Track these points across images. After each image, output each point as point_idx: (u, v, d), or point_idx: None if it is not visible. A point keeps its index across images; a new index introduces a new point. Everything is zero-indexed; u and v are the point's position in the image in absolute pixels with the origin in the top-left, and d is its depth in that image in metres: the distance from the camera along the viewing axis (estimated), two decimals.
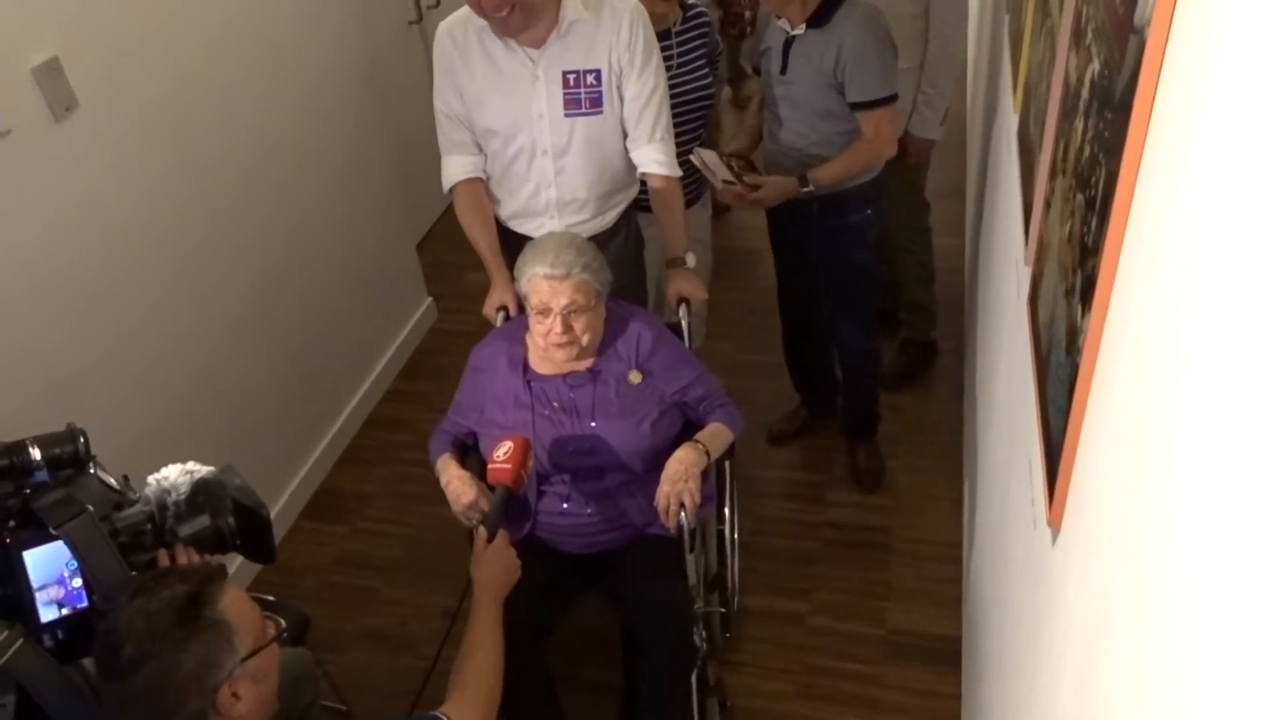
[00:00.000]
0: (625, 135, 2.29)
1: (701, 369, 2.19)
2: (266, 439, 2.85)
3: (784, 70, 2.42)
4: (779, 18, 2.40)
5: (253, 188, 2.74)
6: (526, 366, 2.10)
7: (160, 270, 2.43)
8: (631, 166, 2.34)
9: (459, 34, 2.20)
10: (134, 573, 1.39)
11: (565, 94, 2.20)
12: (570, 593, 2.13)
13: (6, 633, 1.27)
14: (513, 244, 2.28)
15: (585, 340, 2.02)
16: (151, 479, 1.47)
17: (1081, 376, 1.00)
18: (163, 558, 1.46)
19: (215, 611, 1.27)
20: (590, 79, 2.19)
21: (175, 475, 1.47)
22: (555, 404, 2.06)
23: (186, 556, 1.48)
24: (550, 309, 1.98)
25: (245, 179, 2.71)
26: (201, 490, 1.47)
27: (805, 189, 2.42)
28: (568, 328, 1.98)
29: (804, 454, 3.06)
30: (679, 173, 2.33)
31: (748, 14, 3.91)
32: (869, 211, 2.54)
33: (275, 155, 2.83)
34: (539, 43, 2.15)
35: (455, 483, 2.04)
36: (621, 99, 2.24)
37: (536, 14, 2.10)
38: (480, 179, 2.34)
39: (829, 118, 2.41)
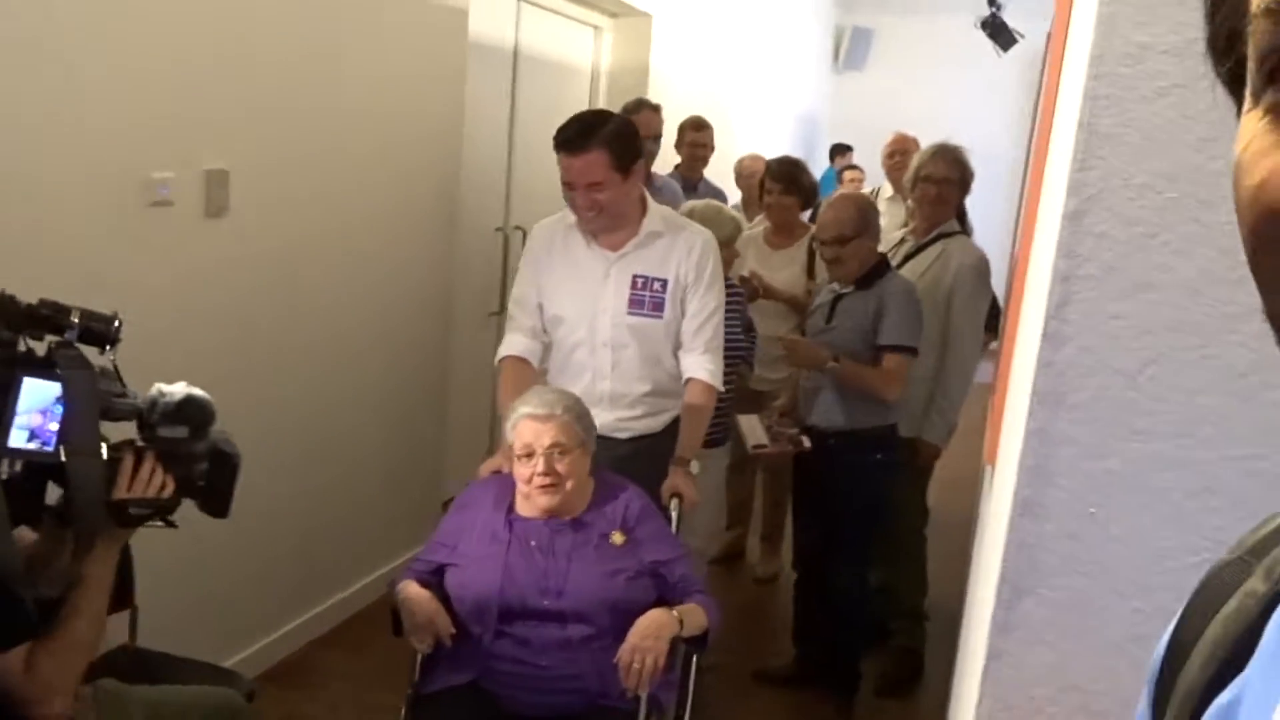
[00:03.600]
0: (678, 349, 2.51)
1: (685, 552, 2.22)
2: (252, 588, 2.89)
3: (829, 320, 2.86)
4: (831, 281, 2.91)
5: (330, 352, 3.08)
6: (511, 507, 2.15)
7: (233, 371, 2.67)
8: (679, 378, 2.53)
9: (549, 229, 2.57)
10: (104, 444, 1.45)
11: (631, 294, 2.47)
12: None
13: None
14: None
15: (570, 486, 2.06)
16: (156, 386, 1.56)
17: None
18: (128, 459, 1.50)
19: None
20: (656, 285, 2.48)
21: (176, 388, 1.56)
22: (532, 543, 2.09)
23: (151, 467, 1.51)
24: (534, 450, 2.04)
25: (331, 343, 3.06)
26: (192, 406, 1.55)
27: (831, 365, 2.78)
28: (551, 469, 2.04)
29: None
30: (721, 388, 2.55)
31: None
32: (879, 456, 2.82)
33: (359, 339, 3.20)
34: (617, 246, 2.48)
35: (414, 598, 2.02)
36: (683, 312, 2.50)
37: (620, 220, 2.45)
38: (528, 361, 2.55)
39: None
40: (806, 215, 3.97)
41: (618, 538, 2.11)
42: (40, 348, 1.43)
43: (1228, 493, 0.95)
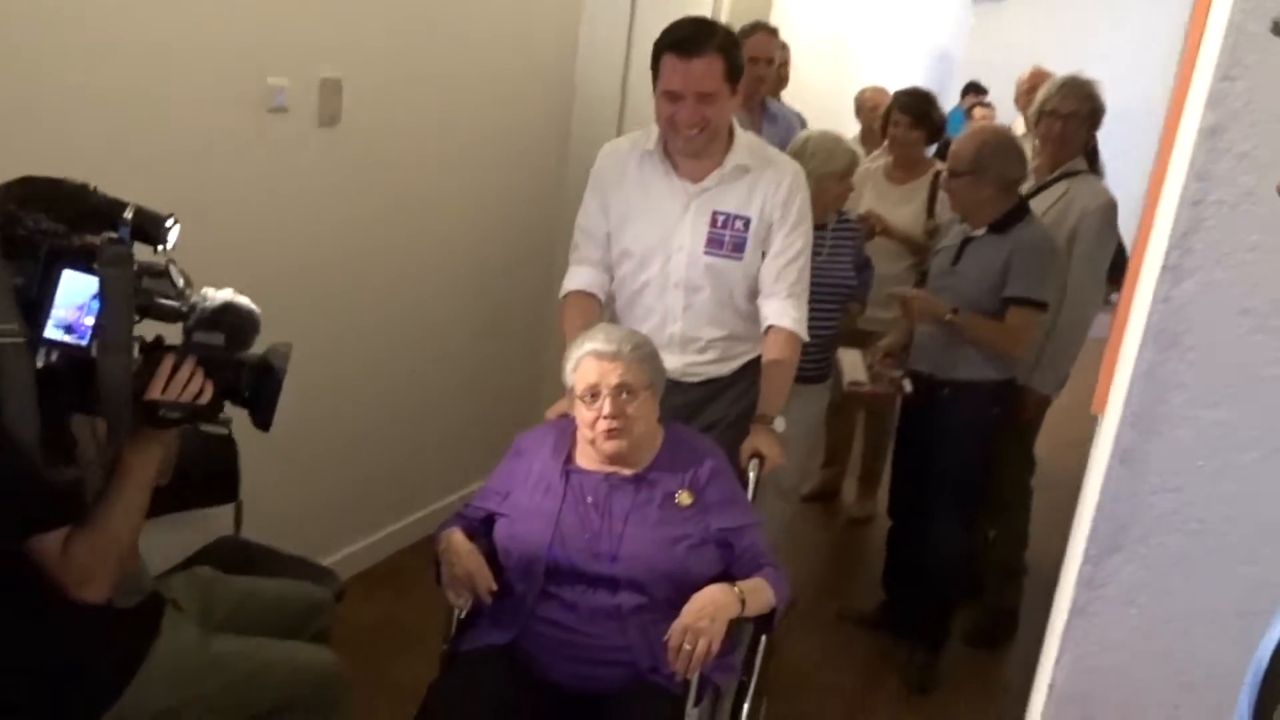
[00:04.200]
0: (755, 293, 2.30)
1: (757, 520, 1.98)
2: (353, 492, 2.98)
3: (956, 262, 2.71)
4: (962, 221, 2.74)
5: (441, 253, 3.10)
6: (570, 458, 1.97)
7: (341, 281, 2.74)
8: (754, 321, 2.32)
9: (624, 152, 2.31)
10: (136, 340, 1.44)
11: (710, 232, 2.25)
12: None
13: (16, 325, 1.29)
14: None
15: (638, 430, 1.88)
16: (203, 290, 1.52)
17: None
18: (167, 361, 1.46)
19: None
20: (739, 224, 2.24)
21: (220, 294, 1.52)
22: (589, 499, 1.91)
23: (190, 372, 1.47)
24: (599, 390, 1.87)
25: (437, 257, 3.08)
26: (229, 313, 1.50)
27: (950, 317, 2.64)
28: (619, 411, 1.85)
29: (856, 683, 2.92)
30: (805, 336, 2.31)
31: None
32: (996, 410, 2.71)
33: (475, 239, 3.21)
34: (699, 177, 2.23)
35: (456, 548, 1.87)
36: (764, 252, 2.28)
37: (714, 144, 2.21)
38: (595, 296, 2.36)
39: (979, 312, 2.66)
40: (931, 151, 3.78)
41: (685, 497, 1.91)
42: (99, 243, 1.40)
43: None
